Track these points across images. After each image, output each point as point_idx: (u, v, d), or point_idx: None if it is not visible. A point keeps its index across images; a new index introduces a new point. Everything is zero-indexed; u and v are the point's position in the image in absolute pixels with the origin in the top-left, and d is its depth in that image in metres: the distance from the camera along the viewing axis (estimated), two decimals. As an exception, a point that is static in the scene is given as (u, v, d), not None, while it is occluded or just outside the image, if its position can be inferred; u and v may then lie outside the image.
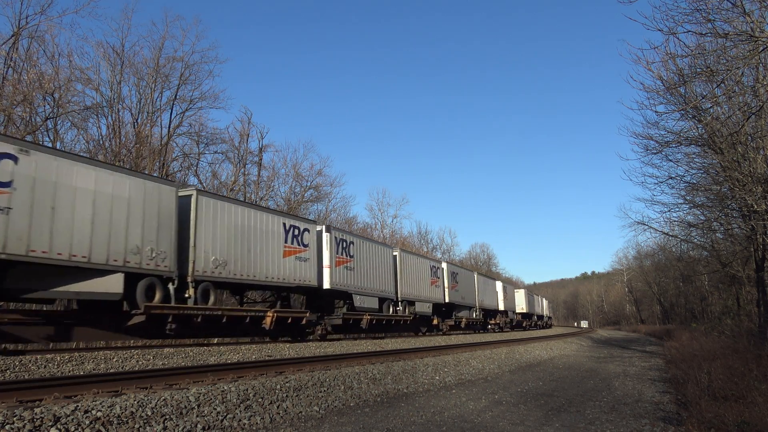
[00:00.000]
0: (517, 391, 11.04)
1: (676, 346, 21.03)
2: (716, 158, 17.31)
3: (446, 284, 33.13)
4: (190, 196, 15.57)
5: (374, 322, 23.77)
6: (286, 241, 18.73)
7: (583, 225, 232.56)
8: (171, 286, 14.52)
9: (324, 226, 21.60)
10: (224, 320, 16.03)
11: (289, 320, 18.73)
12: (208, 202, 15.94)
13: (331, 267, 20.95)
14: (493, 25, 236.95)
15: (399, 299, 26.87)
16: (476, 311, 38.99)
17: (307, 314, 19.54)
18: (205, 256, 15.52)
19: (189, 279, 14.99)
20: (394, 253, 27.51)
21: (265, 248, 17.78)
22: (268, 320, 17.68)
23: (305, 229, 19.91)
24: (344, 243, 22.28)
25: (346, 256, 22.31)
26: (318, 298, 21.37)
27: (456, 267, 37.43)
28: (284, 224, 18.92)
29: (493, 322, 44.36)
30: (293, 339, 20.19)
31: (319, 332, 20.94)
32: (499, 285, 47.22)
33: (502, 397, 10.03)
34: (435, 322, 32.21)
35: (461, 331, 37.25)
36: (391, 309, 26.13)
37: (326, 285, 20.76)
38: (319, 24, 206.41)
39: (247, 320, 17.09)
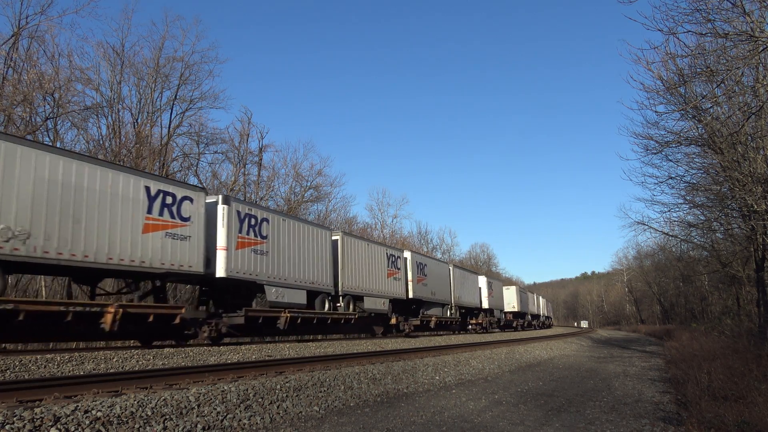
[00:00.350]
0: (517, 391, 11.05)
1: (676, 346, 21.04)
2: (716, 158, 17.32)
3: (409, 277, 28.21)
4: None
5: (299, 321, 18.98)
6: (149, 212, 13.96)
7: (583, 225, 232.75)
8: None
9: (220, 197, 16.67)
10: (21, 317, 10.94)
11: (150, 318, 13.81)
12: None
13: (228, 249, 16.10)
14: (493, 25, 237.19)
15: (340, 293, 21.95)
16: (451, 309, 33.79)
17: (182, 310, 14.68)
18: None
19: None
20: (335, 237, 22.50)
21: (108, 218, 12.91)
22: (108, 318, 12.51)
23: (185, 198, 15.06)
24: (253, 220, 17.43)
25: (256, 236, 17.43)
26: (214, 290, 17.32)
27: (424, 257, 32.22)
28: (147, 188, 14.06)
29: (474, 321, 38.98)
30: (144, 344, 15.69)
31: (206, 334, 15.94)
32: (482, 280, 42.02)
33: (502, 397, 10.03)
34: (393, 321, 26.59)
35: (432, 333, 32.87)
36: (327, 305, 21.03)
37: (220, 272, 15.88)
38: (319, 24, 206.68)
39: (69, 317, 11.80)
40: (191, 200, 15.22)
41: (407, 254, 29.11)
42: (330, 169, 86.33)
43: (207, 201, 15.88)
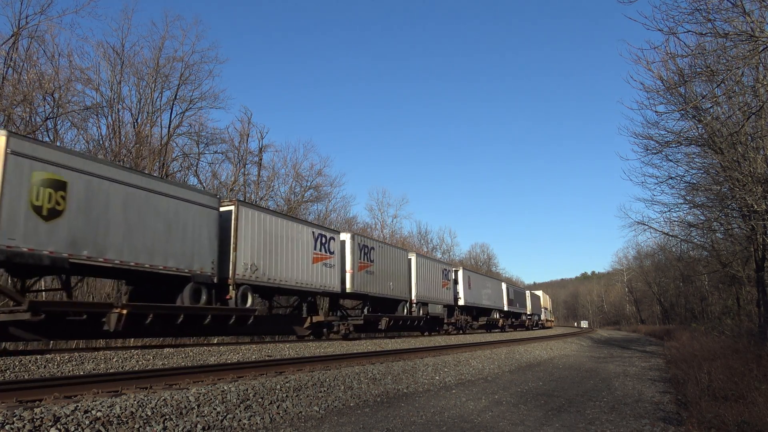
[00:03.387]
0: (517, 391, 11.04)
1: (676, 346, 21.04)
2: (716, 158, 17.32)
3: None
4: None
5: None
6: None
7: (583, 225, 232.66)
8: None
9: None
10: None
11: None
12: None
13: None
14: (492, 25, 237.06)
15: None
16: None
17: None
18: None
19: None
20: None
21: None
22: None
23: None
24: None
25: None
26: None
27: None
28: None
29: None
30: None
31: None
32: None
33: (502, 397, 10.03)
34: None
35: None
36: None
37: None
38: (320, 25, 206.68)
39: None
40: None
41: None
42: (330, 169, 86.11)
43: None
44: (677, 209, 20.88)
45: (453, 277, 34.04)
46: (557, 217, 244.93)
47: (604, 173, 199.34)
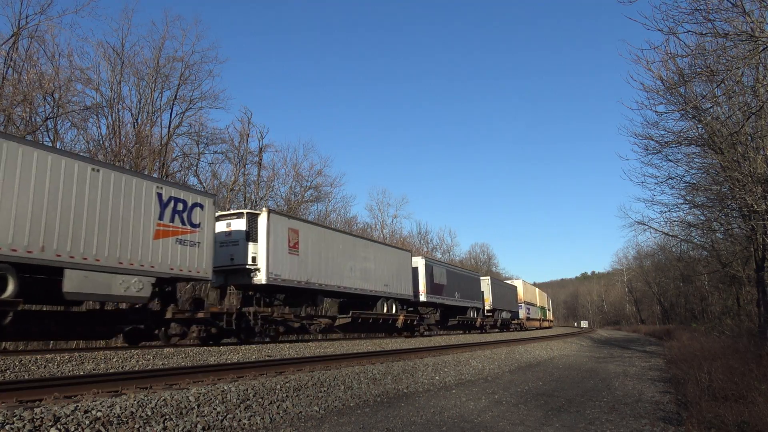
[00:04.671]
0: (517, 391, 11.05)
1: (676, 346, 21.04)
2: (716, 158, 17.30)
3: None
4: None
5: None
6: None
7: (583, 225, 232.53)
8: None
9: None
10: None
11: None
12: None
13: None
14: (493, 24, 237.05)
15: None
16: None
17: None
18: None
19: None
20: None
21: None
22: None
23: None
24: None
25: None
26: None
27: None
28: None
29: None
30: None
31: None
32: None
33: (502, 397, 10.03)
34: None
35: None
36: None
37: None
38: (321, 25, 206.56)
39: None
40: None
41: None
42: (330, 169, 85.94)
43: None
44: (677, 209, 20.86)
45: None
46: (557, 217, 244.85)
47: (604, 173, 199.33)
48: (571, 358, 21.61)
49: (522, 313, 52.41)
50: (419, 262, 30.53)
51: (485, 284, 42.01)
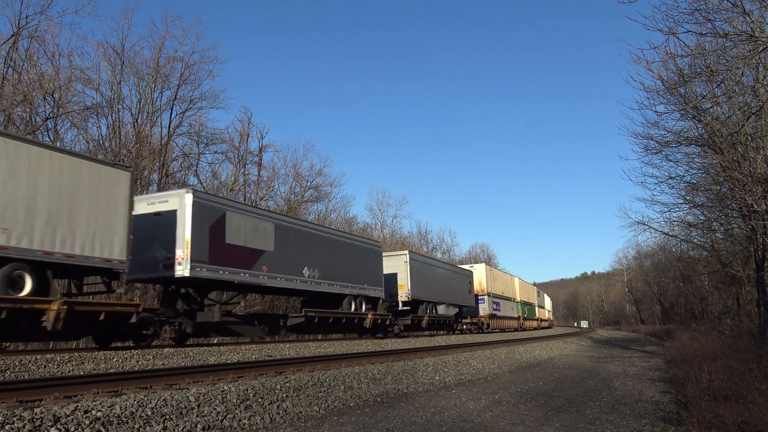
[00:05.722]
0: (517, 391, 11.05)
1: (676, 346, 21.05)
2: (716, 158, 17.31)
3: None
4: None
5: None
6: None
7: (583, 225, 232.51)
8: None
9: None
10: None
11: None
12: None
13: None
14: (493, 24, 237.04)
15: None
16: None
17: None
18: None
19: None
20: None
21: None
22: None
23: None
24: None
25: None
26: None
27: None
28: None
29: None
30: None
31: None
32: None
33: (502, 397, 10.03)
34: None
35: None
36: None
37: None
38: (320, 24, 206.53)
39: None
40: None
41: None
42: (330, 169, 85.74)
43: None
44: (677, 209, 20.87)
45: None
46: (557, 217, 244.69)
47: (604, 173, 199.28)
48: (571, 358, 21.61)
49: (484, 309, 38.91)
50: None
51: (395, 261, 27.31)
